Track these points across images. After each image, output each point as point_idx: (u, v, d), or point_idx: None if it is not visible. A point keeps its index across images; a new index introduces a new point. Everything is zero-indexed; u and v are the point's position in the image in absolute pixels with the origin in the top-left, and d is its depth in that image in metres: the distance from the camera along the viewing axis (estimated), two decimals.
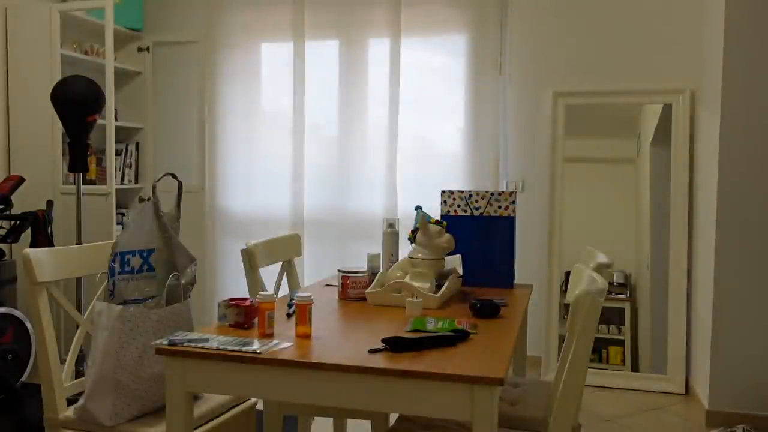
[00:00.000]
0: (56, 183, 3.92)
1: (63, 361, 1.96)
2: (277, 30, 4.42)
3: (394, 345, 1.53)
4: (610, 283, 3.80)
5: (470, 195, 2.47)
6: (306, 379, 1.48)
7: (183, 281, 1.95)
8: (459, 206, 2.47)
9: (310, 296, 1.70)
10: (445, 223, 2.27)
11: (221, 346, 1.57)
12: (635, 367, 3.80)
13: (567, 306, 2.51)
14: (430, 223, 2.24)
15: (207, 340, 1.63)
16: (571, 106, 3.97)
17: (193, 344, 1.59)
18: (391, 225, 2.41)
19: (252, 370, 1.51)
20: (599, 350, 3.84)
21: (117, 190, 4.35)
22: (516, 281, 2.53)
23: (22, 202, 3.83)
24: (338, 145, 4.34)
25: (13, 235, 3.39)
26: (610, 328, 3.85)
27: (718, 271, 3.22)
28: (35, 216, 3.39)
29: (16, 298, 3.55)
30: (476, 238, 2.45)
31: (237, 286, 4.49)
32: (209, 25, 4.55)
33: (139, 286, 1.91)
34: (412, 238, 2.26)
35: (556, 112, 3.98)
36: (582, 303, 1.54)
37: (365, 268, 2.26)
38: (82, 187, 3.53)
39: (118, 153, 4.57)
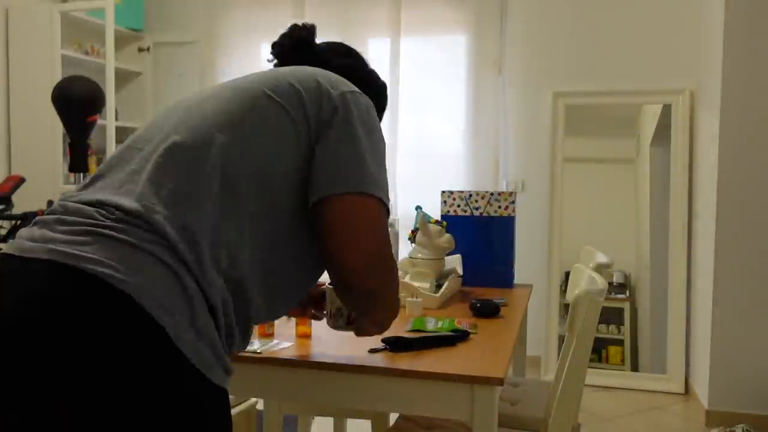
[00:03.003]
0: (56, 183, 3.92)
1: None
2: (277, 30, 4.36)
3: (394, 345, 1.53)
4: (610, 283, 3.80)
5: (470, 195, 2.47)
6: (306, 379, 1.48)
7: None
8: (459, 206, 2.48)
9: None
10: (445, 223, 2.27)
11: None
12: (635, 367, 3.81)
13: (567, 306, 2.51)
14: (430, 223, 2.24)
15: None
16: (571, 106, 3.97)
17: None
18: (391, 225, 2.42)
19: (252, 369, 1.51)
20: (599, 350, 3.84)
21: None
22: (516, 281, 2.53)
23: (22, 202, 3.83)
24: None
25: (13, 235, 3.39)
26: (610, 328, 3.85)
27: (718, 271, 3.22)
28: (35, 216, 3.39)
29: None
30: (476, 238, 2.45)
31: None
32: (209, 25, 4.55)
33: None
34: (412, 238, 2.26)
35: (556, 112, 3.98)
36: (581, 303, 1.54)
37: None
38: None
39: None
